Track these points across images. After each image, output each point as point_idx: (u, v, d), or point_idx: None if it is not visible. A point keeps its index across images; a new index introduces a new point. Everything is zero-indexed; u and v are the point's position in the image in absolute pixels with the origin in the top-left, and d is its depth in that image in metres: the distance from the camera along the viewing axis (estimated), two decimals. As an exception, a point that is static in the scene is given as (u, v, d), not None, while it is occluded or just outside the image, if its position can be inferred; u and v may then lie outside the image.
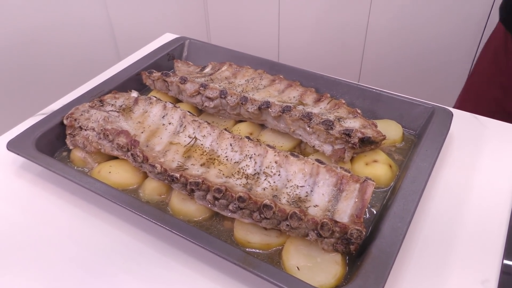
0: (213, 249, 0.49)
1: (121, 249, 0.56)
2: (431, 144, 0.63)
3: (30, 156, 0.62)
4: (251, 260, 0.48)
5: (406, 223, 0.51)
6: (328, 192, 0.55)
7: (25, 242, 0.57)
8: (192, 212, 0.58)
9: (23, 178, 0.66)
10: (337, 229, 0.49)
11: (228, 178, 0.58)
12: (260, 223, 0.53)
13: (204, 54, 0.89)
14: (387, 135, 0.66)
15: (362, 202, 0.52)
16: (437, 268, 0.52)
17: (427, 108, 0.70)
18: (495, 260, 0.53)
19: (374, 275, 0.46)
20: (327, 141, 0.63)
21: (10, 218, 0.60)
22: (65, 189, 0.64)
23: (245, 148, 0.61)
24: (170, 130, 0.66)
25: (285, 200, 0.54)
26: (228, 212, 0.55)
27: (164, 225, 0.52)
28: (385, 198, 0.60)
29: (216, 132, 0.64)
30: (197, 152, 0.62)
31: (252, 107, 0.68)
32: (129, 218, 0.59)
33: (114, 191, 0.57)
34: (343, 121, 0.65)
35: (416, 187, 0.56)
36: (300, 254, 0.52)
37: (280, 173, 0.57)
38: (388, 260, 0.47)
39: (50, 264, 0.54)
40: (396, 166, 0.64)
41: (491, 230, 0.56)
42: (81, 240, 0.57)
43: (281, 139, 0.69)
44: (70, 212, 0.61)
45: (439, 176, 0.64)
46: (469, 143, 0.70)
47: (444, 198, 0.61)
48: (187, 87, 0.73)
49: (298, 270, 0.50)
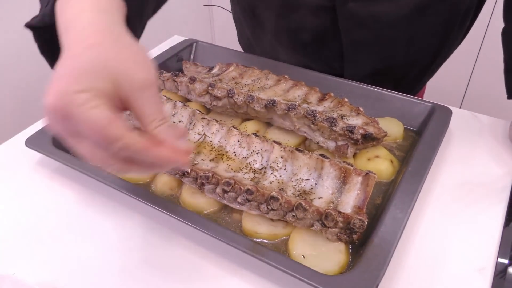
0: (224, 239, 0.52)
1: (136, 240, 0.59)
2: (430, 140, 0.66)
3: (48, 152, 0.65)
4: (260, 248, 0.51)
5: (406, 213, 0.54)
6: (331, 184, 0.57)
7: (43, 234, 0.60)
8: (202, 205, 0.61)
9: (40, 173, 0.69)
10: (341, 219, 0.52)
11: (237, 173, 0.61)
12: (267, 215, 0.56)
13: (211, 55, 0.93)
14: (389, 132, 0.68)
15: (364, 194, 0.55)
16: (436, 256, 0.55)
17: (427, 106, 0.73)
18: (492, 250, 0.56)
19: (376, 262, 0.49)
20: (330, 138, 0.66)
21: (29, 212, 0.63)
22: (81, 184, 0.67)
23: (253, 144, 0.64)
24: (180, 127, 0.69)
25: (291, 192, 0.57)
26: (236, 204, 0.58)
27: (178, 217, 0.55)
28: (386, 191, 0.63)
29: (224, 129, 0.67)
30: (206, 148, 0.65)
31: (258, 105, 0.71)
32: (144, 210, 0.62)
33: (130, 185, 0.60)
34: (346, 118, 0.67)
35: (416, 180, 0.59)
36: (305, 243, 0.55)
37: (286, 167, 0.60)
38: (389, 248, 0.50)
39: (66, 256, 0.57)
40: (397, 161, 0.67)
41: (489, 221, 0.59)
42: (97, 232, 0.60)
43: (287, 136, 0.72)
44: (85, 205, 0.64)
45: (438, 170, 0.67)
46: (467, 139, 0.72)
47: (442, 192, 0.64)
48: (196, 87, 0.76)
49: (304, 259, 0.53)
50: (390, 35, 0.79)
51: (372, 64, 0.84)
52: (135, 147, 0.38)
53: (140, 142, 0.38)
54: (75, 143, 0.39)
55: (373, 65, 0.84)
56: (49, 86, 0.38)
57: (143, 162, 0.39)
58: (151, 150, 0.38)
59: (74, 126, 0.37)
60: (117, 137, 0.37)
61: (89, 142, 0.38)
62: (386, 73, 0.86)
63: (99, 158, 0.39)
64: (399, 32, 0.78)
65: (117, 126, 0.37)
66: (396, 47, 0.81)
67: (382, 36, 0.79)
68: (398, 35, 0.79)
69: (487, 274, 0.53)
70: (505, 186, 0.64)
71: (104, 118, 0.36)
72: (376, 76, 0.85)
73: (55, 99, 0.37)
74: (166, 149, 0.39)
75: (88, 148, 0.39)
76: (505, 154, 0.69)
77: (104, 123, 0.36)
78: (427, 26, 0.78)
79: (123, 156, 0.38)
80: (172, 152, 0.40)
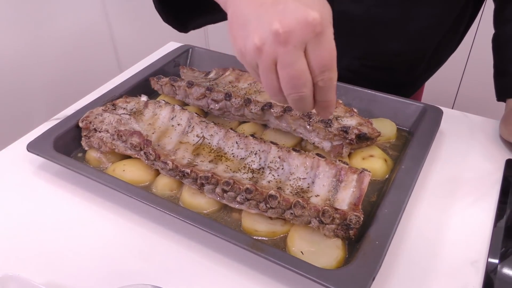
0: (224, 236, 0.54)
1: (138, 241, 0.60)
2: (423, 139, 0.68)
3: (50, 156, 0.67)
4: (259, 245, 0.52)
5: (400, 209, 0.56)
6: (328, 183, 0.59)
7: (47, 236, 0.61)
8: (202, 205, 0.62)
9: (41, 177, 0.70)
10: (337, 216, 0.54)
11: (235, 173, 0.62)
12: (266, 213, 0.58)
13: (207, 60, 0.94)
14: (382, 132, 0.70)
15: (359, 191, 0.57)
16: (430, 249, 0.57)
17: (419, 107, 0.75)
18: (484, 243, 0.58)
19: (372, 256, 0.51)
20: (326, 138, 0.68)
21: (32, 214, 0.64)
22: (81, 187, 0.68)
23: (250, 145, 0.65)
24: (179, 130, 0.71)
25: (288, 191, 0.59)
26: (236, 203, 0.59)
27: (180, 216, 0.56)
28: (381, 188, 0.64)
29: (222, 131, 0.69)
30: (205, 150, 0.67)
31: (255, 108, 0.72)
32: (144, 211, 0.63)
33: (131, 187, 0.61)
34: (341, 119, 0.69)
35: (409, 178, 0.60)
36: (303, 240, 0.56)
37: (283, 167, 0.62)
38: (384, 242, 0.52)
39: (69, 257, 0.58)
40: (391, 160, 0.69)
41: (480, 214, 0.61)
42: (99, 233, 0.61)
43: (283, 138, 0.74)
44: (86, 207, 0.65)
45: (431, 168, 0.69)
46: (459, 138, 0.75)
47: (435, 188, 0.66)
48: (193, 91, 0.78)
49: (303, 255, 0.54)
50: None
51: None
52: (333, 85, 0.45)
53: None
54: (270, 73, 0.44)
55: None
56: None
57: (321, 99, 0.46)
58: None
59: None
60: (334, 69, 0.43)
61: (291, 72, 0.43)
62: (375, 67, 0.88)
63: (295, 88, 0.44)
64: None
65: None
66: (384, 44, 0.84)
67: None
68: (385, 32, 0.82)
69: (479, 267, 0.55)
70: (495, 181, 0.66)
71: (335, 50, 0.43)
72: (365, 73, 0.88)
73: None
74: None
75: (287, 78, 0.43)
76: (495, 151, 0.72)
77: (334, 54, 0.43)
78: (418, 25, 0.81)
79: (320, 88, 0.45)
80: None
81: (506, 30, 0.73)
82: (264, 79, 0.45)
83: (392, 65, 0.88)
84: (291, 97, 0.45)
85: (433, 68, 0.94)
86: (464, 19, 0.85)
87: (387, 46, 0.84)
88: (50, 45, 1.67)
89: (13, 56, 1.54)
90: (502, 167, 0.68)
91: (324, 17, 0.41)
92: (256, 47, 0.42)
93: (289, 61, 0.42)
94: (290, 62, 0.42)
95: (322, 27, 0.41)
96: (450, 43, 0.88)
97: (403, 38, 0.83)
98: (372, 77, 0.90)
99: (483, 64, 1.66)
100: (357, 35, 0.84)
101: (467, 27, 0.88)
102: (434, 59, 0.90)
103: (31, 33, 1.59)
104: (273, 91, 0.46)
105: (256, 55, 0.43)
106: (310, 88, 0.44)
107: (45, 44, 1.65)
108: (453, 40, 0.88)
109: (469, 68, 1.78)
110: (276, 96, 0.46)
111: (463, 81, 1.84)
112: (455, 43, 0.90)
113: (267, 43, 0.42)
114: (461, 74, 1.82)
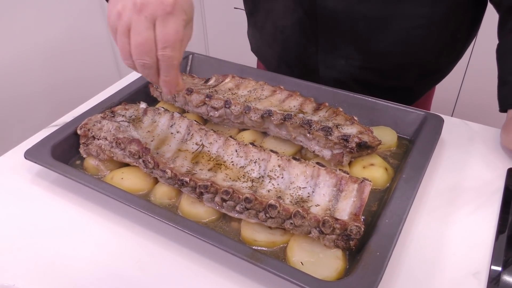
0: (223, 247, 0.53)
1: (136, 250, 0.59)
2: (423, 148, 0.67)
3: (47, 164, 0.66)
4: (259, 255, 0.52)
5: (401, 219, 0.55)
6: (328, 192, 0.59)
7: (43, 245, 0.60)
8: (201, 214, 0.62)
9: (39, 185, 0.70)
10: (338, 226, 0.53)
11: (235, 182, 0.62)
12: (265, 223, 0.57)
13: (207, 67, 0.94)
14: (383, 140, 0.70)
15: (360, 201, 0.56)
16: (431, 260, 0.56)
17: (419, 115, 0.74)
18: (486, 254, 0.57)
19: (373, 268, 0.50)
20: (326, 146, 0.67)
21: (28, 223, 0.64)
22: (79, 195, 0.67)
23: (250, 154, 0.65)
24: (178, 138, 0.70)
25: (288, 200, 0.58)
26: (235, 213, 0.59)
27: (178, 226, 0.56)
28: (382, 198, 0.64)
29: (222, 139, 0.68)
30: (204, 158, 0.66)
31: (255, 115, 0.72)
32: (142, 220, 0.62)
33: (130, 196, 0.61)
34: (341, 127, 0.69)
35: (410, 187, 0.60)
36: (303, 250, 0.55)
37: (283, 175, 0.61)
38: (385, 253, 0.51)
39: (66, 267, 0.58)
40: (391, 169, 0.68)
41: (482, 224, 0.60)
42: (97, 242, 0.61)
43: (283, 146, 0.73)
44: (84, 216, 0.64)
45: (432, 177, 0.68)
46: (459, 146, 0.74)
47: (436, 197, 0.65)
48: (193, 98, 0.77)
49: (302, 265, 0.54)
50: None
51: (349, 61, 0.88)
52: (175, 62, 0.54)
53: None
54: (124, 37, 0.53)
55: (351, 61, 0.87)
56: None
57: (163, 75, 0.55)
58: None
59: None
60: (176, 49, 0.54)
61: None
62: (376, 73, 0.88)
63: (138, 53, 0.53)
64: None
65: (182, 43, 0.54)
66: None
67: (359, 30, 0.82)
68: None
69: (481, 279, 0.54)
70: (497, 189, 0.66)
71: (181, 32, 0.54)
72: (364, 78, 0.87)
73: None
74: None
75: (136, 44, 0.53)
76: (495, 159, 0.71)
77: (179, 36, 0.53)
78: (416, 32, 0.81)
79: (159, 60, 0.54)
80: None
81: (510, 40, 0.73)
82: (119, 41, 0.53)
83: (380, 66, 0.88)
84: (137, 62, 0.53)
85: (432, 75, 0.93)
86: (463, 26, 0.84)
87: (372, 45, 0.84)
88: (49, 51, 1.67)
89: (10, 62, 1.54)
90: (503, 176, 0.68)
91: (178, 4, 0.52)
92: (118, 12, 0.52)
93: (139, 29, 0.51)
94: (139, 30, 0.51)
95: (172, 9, 0.51)
96: (449, 50, 0.88)
97: (388, 37, 0.82)
98: (360, 78, 0.89)
99: (482, 72, 1.67)
100: (341, 32, 0.84)
101: (469, 36, 0.88)
102: (430, 65, 0.89)
103: (29, 38, 1.59)
104: (124, 55, 0.54)
105: (116, 19, 0.53)
106: (153, 59, 0.53)
107: (43, 50, 1.65)
108: (452, 48, 0.88)
109: (469, 76, 1.78)
110: (127, 60, 0.54)
111: (462, 89, 1.84)
112: (456, 52, 0.90)
113: (126, 10, 0.52)
114: (460, 82, 1.82)
